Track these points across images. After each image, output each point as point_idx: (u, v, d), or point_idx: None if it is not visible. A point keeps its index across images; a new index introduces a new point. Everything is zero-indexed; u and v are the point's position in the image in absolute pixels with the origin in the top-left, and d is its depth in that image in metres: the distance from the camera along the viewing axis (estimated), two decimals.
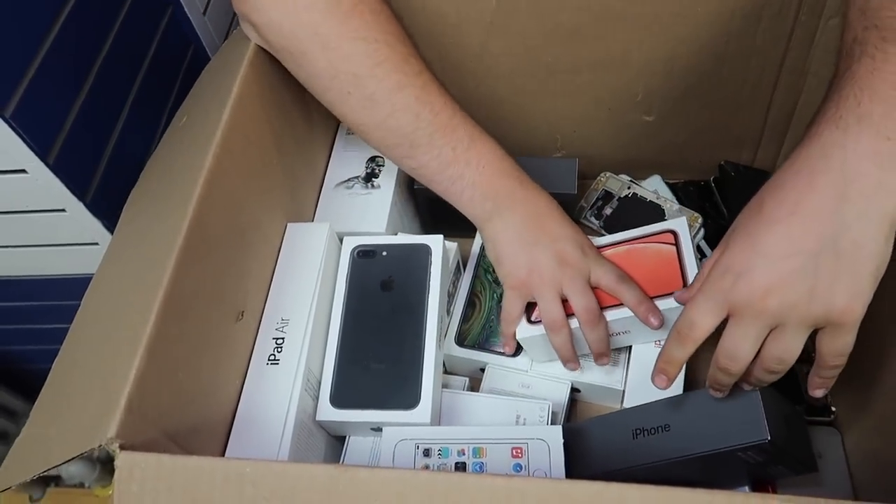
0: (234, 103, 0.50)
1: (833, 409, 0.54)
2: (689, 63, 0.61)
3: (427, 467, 0.47)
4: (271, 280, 0.55)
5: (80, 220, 0.63)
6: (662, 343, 0.55)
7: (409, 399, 0.50)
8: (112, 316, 0.43)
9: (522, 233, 0.51)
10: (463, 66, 0.63)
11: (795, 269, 0.37)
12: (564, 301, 0.52)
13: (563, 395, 0.57)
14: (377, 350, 0.53)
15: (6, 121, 0.51)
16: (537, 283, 0.51)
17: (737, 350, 0.41)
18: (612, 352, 0.57)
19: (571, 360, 0.54)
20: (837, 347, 0.39)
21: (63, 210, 0.63)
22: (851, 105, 0.37)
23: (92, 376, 0.40)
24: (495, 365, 0.59)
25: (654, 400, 0.50)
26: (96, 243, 0.68)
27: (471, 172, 0.51)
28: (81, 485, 0.96)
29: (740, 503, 0.31)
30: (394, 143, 0.51)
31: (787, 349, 0.39)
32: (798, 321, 0.38)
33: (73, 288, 0.77)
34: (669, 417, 0.48)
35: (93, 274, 0.75)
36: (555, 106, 0.66)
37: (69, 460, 0.35)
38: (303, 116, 0.62)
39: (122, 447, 0.36)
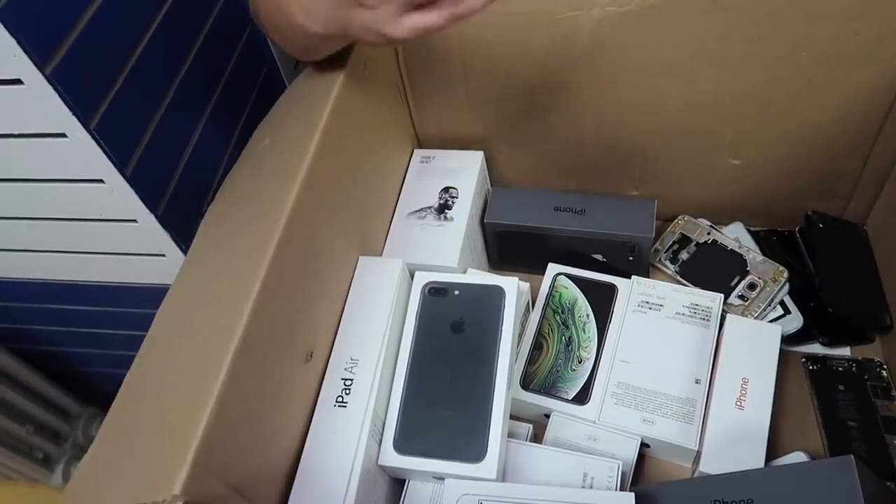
0: (320, 137, 0.49)
1: None
2: (785, 107, 0.57)
3: None
4: (341, 317, 0.53)
5: (150, 231, 0.64)
6: (745, 405, 0.53)
7: (475, 452, 0.49)
8: (184, 356, 0.43)
9: None
10: (547, 98, 0.61)
11: None
12: None
13: (632, 452, 0.54)
14: (444, 395, 0.51)
15: (90, 132, 0.52)
16: None
17: None
18: (686, 409, 0.54)
19: None
20: None
21: (135, 221, 0.63)
22: None
23: (159, 423, 0.40)
24: (561, 413, 0.57)
25: (735, 469, 0.48)
26: (163, 255, 0.68)
27: None
28: None
29: None
30: None
31: None
32: None
33: (136, 297, 0.78)
34: (754, 491, 0.45)
35: (157, 284, 0.75)
36: (638, 142, 0.63)
37: None
38: (381, 143, 0.61)
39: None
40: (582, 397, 0.57)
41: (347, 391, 0.49)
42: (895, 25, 0.51)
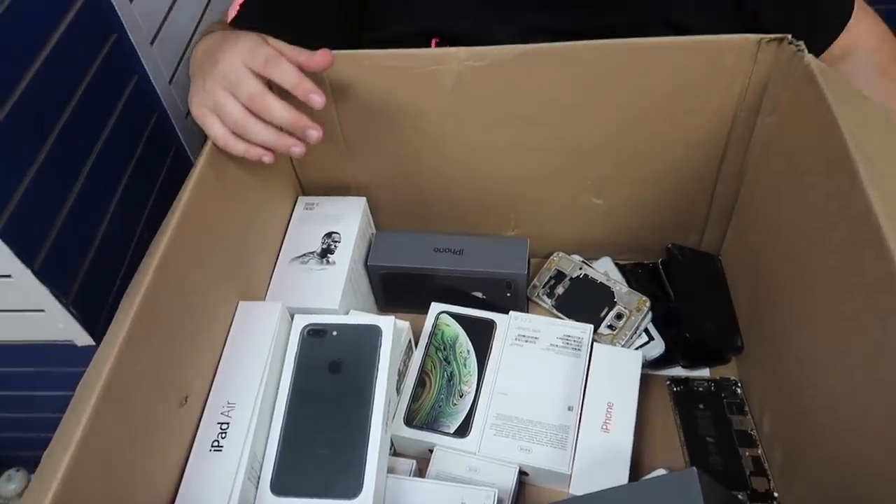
0: (193, 185, 0.51)
1: (776, 495, 0.55)
2: (635, 152, 0.63)
3: None
4: (219, 361, 0.54)
5: (26, 286, 0.63)
6: (610, 428, 0.57)
7: (351, 487, 0.50)
8: (69, 411, 0.42)
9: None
10: (420, 147, 0.65)
11: None
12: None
13: (511, 480, 0.57)
14: (322, 434, 0.52)
15: None
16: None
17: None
18: (560, 436, 0.57)
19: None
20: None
21: (9, 276, 0.62)
22: None
23: (37, 475, 0.39)
24: (443, 447, 0.59)
25: (600, 489, 0.51)
26: (42, 310, 0.67)
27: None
28: None
29: None
30: None
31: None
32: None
33: (15, 355, 0.76)
34: None
35: (37, 341, 0.73)
36: (508, 187, 0.68)
37: None
38: (261, 190, 0.62)
39: None
40: (463, 430, 0.60)
41: (223, 435, 0.50)
42: (719, 80, 0.57)
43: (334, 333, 0.57)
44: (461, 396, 0.61)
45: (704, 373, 0.65)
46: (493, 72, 0.58)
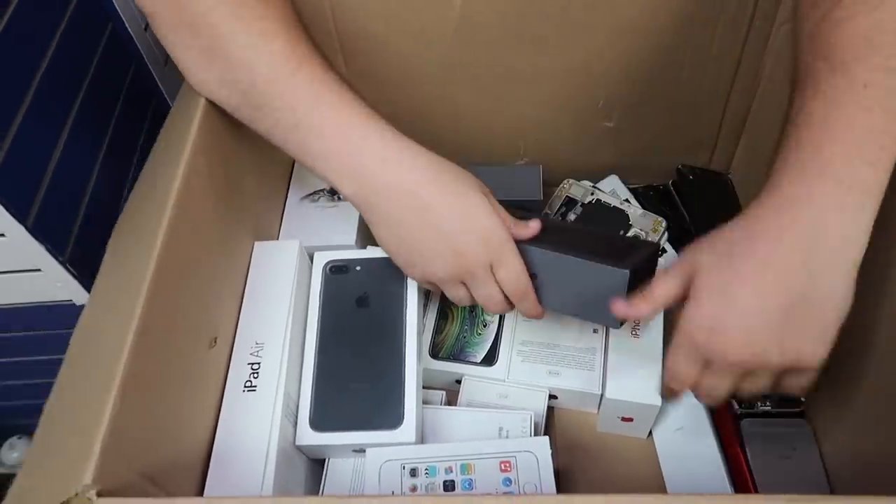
0: (197, 129, 0.48)
1: (802, 399, 0.56)
2: (648, 70, 0.62)
3: (415, 488, 0.46)
4: (241, 303, 0.52)
5: (20, 245, 0.60)
6: (640, 334, 0.57)
7: (392, 418, 0.49)
8: (89, 359, 0.41)
9: (400, 232, 0.46)
10: (427, 73, 0.63)
11: (767, 324, 0.39)
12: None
13: (542, 404, 0.57)
14: (356, 369, 0.52)
15: None
16: (437, 282, 0.48)
17: (715, 391, 0.43)
18: (587, 358, 0.57)
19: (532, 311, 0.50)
20: (802, 383, 0.42)
21: (2, 235, 0.59)
22: (812, 154, 0.38)
23: (71, 422, 0.38)
24: (471, 376, 0.59)
25: (635, 396, 0.53)
26: (38, 269, 0.64)
27: (316, 143, 0.45)
28: None
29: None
30: (237, 103, 0.47)
31: (757, 387, 0.42)
32: (769, 369, 0.41)
33: (13, 318, 0.73)
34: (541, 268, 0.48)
35: (35, 302, 0.71)
36: (518, 113, 0.66)
37: None
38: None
39: (99, 494, 0.33)
40: (490, 359, 0.59)
41: (255, 375, 0.49)
42: None
43: (357, 268, 0.55)
44: (485, 326, 0.61)
45: None
46: None
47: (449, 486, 0.45)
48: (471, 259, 0.46)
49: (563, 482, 0.57)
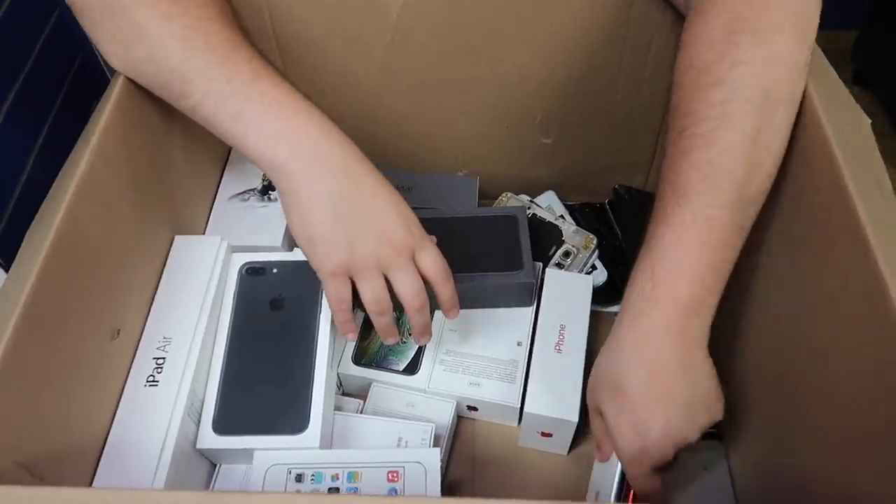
0: (109, 112, 0.47)
1: (714, 431, 0.56)
2: (583, 88, 0.62)
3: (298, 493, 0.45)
4: (154, 296, 0.52)
5: None
6: (563, 349, 0.57)
7: (297, 423, 0.48)
8: None
9: (339, 206, 0.44)
10: (366, 81, 0.63)
11: (682, 424, 0.43)
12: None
13: (449, 414, 0.56)
14: (265, 372, 0.51)
15: None
16: (359, 267, 0.46)
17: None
18: (509, 370, 0.57)
19: (393, 335, 0.51)
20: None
21: None
22: (647, 285, 0.43)
23: None
24: (380, 383, 0.58)
25: (555, 412, 0.53)
26: None
27: (252, 109, 0.44)
28: None
29: None
30: (165, 80, 0.46)
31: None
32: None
33: None
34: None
35: None
36: (457, 123, 0.66)
37: None
38: (194, 129, 0.59)
39: None
40: (412, 367, 0.59)
41: (159, 370, 0.48)
42: (661, 20, 0.56)
43: (274, 271, 0.55)
44: (410, 334, 0.60)
45: None
46: (437, 2, 0.56)
47: (333, 493, 0.44)
48: (398, 244, 0.46)
49: (479, 495, 0.56)
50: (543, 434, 0.57)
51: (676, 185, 0.43)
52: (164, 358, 0.48)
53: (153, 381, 0.47)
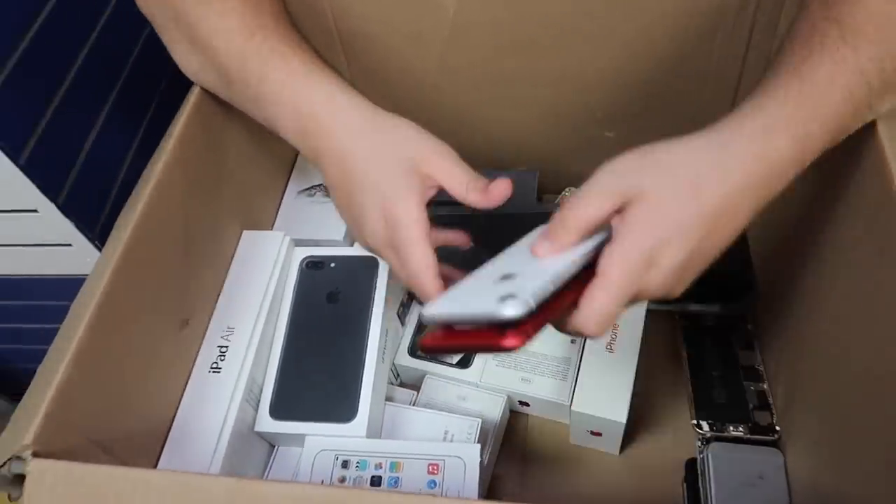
0: (186, 116, 0.51)
1: (777, 428, 0.54)
2: (645, 80, 0.60)
3: (343, 479, 0.47)
4: (221, 288, 0.55)
5: (52, 220, 0.65)
6: (615, 348, 0.56)
7: (346, 412, 0.51)
8: (60, 331, 0.44)
9: (337, 198, 0.46)
10: (425, 77, 0.63)
11: (694, 269, 0.38)
12: None
13: (499, 409, 0.57)
14: (319, 362, 0.53)
15: None
16: (370, 246, 0.45)
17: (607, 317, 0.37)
18: (562, 368, 0.57)
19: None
20: None
21: (35, 210, 0.64)
22: (806, 113, 0.38)
23: (34, 386, 0.41)
24: (434, 376, 0.60)
25: (602, 411, 0.53)
26: (69, 244, 0.69)
27: (271, 108, 0.46)
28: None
29: None
30: (218, 85, 0.50)
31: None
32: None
33: (45, 288, 0.79)
34: None
35: (66, 275, 0.76)
36: (517, 118, 0.66)
37: None
38: (261, 132, 0.63)
39: (36, 454, 0.36)
40: (465, 361, 0.60)
41: (222, 357, 0.51)
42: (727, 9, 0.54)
43: (332, 265, 0.57)
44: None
45: (715, 309, 0.63)
46: None
47: (376, 481, 0.46)
48: (378, 237, 0.43)
49: (529, 489, 0.57)
50: (593, 433, 0.56)
51: (841, 21, 0.38)
52: (226, 346, 0.52)
53: (216, 367, 0.51)
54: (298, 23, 0.51)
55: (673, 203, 0.36)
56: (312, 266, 0.57)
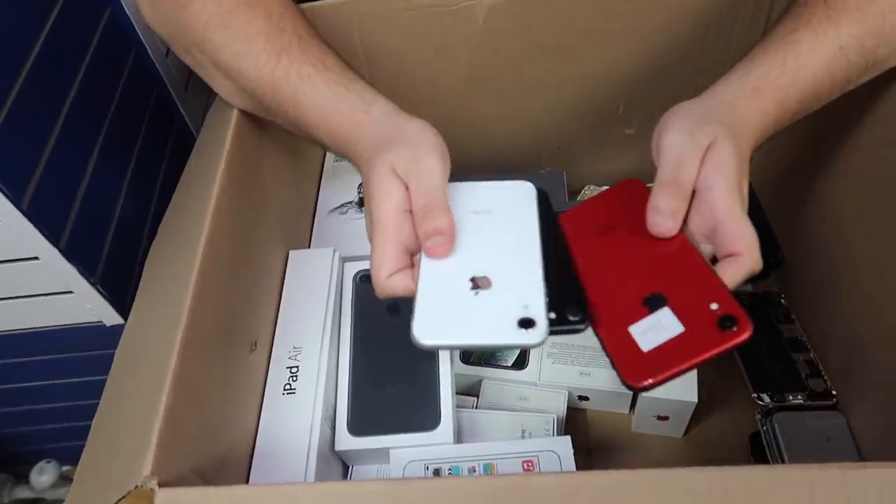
0: (231, 139, 0.50)
1: (834, 392, 0.56)
2: (666, 77, 0.63)
3: None
4: (278, 309, 0.54)
5: (54, 267, 0.62)
6: None
7: (429, 420, 0.50)
8: (140, 361, 0.42)
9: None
10: (452, 88, 0.64)
11: None
12: None
13: (562, 405, 0.57)
14: (390, 373, 0.52)
15: None
16: None
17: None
18: None
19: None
20: None
21: (36, 258, 0.61)
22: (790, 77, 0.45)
23: (125, 424, 0.39)
24: (491, 380, 0.59)
25: (669, 396, 0.53)
26: (70, 291, 0.66)
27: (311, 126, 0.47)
28: None
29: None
30: (253, 107, 0.50)
31: None
32: None
33: (44, 342, 0.74)
34: None
35: (67, 325, 0.72)
36: (539, 122, 0.68)
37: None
38: (291, 149, 0.62)
39: (159, 485, 0.34)
40: (520, 363, 0.60)
41: (294, 378, 0.50)
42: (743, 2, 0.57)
43: None
44: None
45: (746, 289, 0.66)
46: (523, 4, 0.57)
47: None
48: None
49: None
50: (659, 418, 0.57)
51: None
52: (297, 366, 0.50)
53: (290, 388, 0.49)
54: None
55: (731, 144, 0.42)
56: (366, 279, 0.56)
